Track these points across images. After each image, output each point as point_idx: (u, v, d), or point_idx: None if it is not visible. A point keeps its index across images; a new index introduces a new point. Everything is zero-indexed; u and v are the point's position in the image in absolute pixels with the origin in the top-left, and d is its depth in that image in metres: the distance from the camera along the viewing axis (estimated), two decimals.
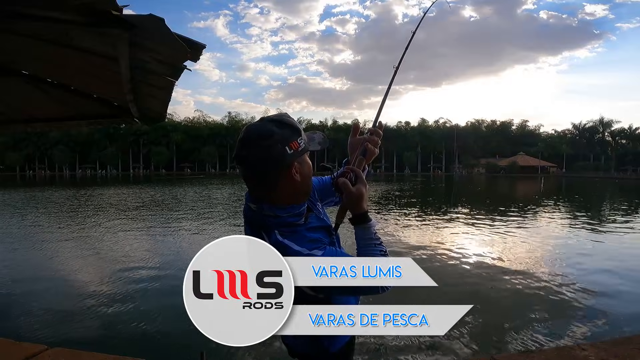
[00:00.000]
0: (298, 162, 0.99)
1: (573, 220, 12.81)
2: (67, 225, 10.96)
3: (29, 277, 5.77)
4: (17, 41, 1.46)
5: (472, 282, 5.59)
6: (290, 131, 0.97)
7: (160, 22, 1.04)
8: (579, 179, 57.71)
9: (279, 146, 0.95)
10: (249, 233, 1.04)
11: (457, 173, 75.72)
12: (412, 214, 13.91)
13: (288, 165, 0.97)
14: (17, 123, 2.62)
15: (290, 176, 0.98)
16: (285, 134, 0.96)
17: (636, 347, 2.69)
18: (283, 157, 0.95)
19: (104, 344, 3.45)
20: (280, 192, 1.00)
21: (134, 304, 4.57)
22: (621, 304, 4.66)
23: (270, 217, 1.00)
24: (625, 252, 7.68)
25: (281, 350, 3.42)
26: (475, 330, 3.82)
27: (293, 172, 0.98)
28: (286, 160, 0.96)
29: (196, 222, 11.42)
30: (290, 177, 0.98)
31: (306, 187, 1.04)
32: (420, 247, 7.85)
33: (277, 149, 0.94)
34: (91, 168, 77.46)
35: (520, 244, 8.39)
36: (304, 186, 1.03)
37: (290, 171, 0.97)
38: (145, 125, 2.35)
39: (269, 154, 0.94)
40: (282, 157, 0.95)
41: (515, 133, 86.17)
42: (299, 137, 0.98)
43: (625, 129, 76.24)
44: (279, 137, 0.95)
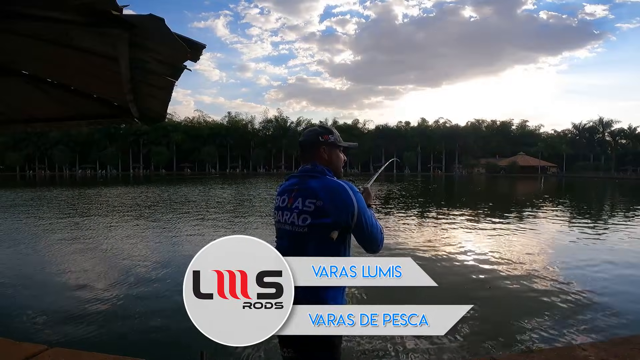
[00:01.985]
0: (327, 147, 1.63)
1: (573, 219, 12.82)
2: (68, 225, 10.96)
3: (29, 277, 5.77)
4: (17, 41, 1.46)
5: (471, 282, 5.60)
6: (324, 130, 1.67)
7: (160, 22, 1.04)
8: (579, 179, 57.74)
9: (316, 135, 1.64)
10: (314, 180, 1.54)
11: (457, 173, 75.72)
12: (412, 214, 13.92)
13: (320, 145, 1.63)
14: (17, 123, 2.62)
15: (320, 152, 1.62)
16: (320, 131, 1.66)
17: (636, 347, 2.69)
18: (317, 140, 1.64)
19: (104, 344, 3.45)
20: (319, 159, 1.62)
21: (134, 304, 4.57)
22: (621, 304, 4.66)
23: (321, 168, 1.58)
24: (625, 252, 7.68)
25: None
26: (475, 330, 3.82)
27: (322, 151, 1.62)
28: (319, 142, 1.63)
29: (196, 221, 11.44)
30: (320, 153, 1.62)
31: (335, 167, 1.63)
32: (420, 247, 7.84)
33: (315, 136, 1.64)
34: (91, 168, 77.43)
35: (520, 244, 8.39)
36: (333, 164, 1.64)
37: (321, 149, 1.62)
38: (145, 125, 2.35)
39: (311, 137, 1.65)
40: (316, 139, 1.64)
41: (515, 133, 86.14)
42: (330, 134, 1.66)
43: (625, 129, 76.25)
44: (318, 131, 1.66)
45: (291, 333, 1.25)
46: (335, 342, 1.45)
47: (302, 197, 1.50)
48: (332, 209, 1.44)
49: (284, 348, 1.49)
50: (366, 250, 1.53)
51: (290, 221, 1.51)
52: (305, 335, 1.35)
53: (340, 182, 1.50)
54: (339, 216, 1.43)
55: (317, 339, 1.36)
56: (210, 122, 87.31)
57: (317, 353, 1.42)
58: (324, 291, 1.39)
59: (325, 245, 1.41)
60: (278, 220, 1.58)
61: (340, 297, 1.47)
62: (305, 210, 1.47)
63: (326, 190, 1.48)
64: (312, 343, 1.38)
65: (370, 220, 1.50)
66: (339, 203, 1.44)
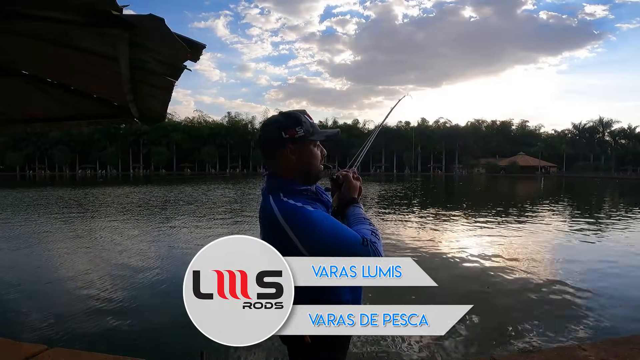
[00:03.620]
0: (294, 145, 1.20)
1: (573, 219, 12.81)
2: (67, 224, 10.96)
3: (29, 277, 5.77)
4: (17, 41, 1.46)
5: (472, 281, 5.59)
6: (289, 121, 1.21)
7: (160, 22, 1.04)
8: (578, 179, 57.68)
9: (277, 131, 1.20)
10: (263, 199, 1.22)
11: (457, 173, 75.68)
12: (412, 214, 13.92)
13: (282, 145, 1.20)
14: (17, 123, 2.62)
15: (285, 154, 1.21)
16: (283, 123, 1.21)
17: (636, 347, 2.69)
18: (278, 138, 1.20)
19: (104, 344, 3.45)
20: (279, 165, 1.23)
21: (135, 304, 4.57)
22: (621, 304, 4.65)
23: (276, 182, 1.22)
24: (625, 252, 7.67)
25: (282, 350, 3.42)
26: (475, 330, 3.82)
27: (287, 152, 1.21)
28: (280, 141, 1.20)
29: (196, 221, 11.43)
30: (285, 155, 1.21)
31: (304, 169, 1.23)
32: (420, 247, 7.84)
33: (276, 132, 1.21)
34: (91, 168, 77.43)
35: (519, 244, 8.39)
36: (300, 167, 1.23)
37: (285, 150, 1.20)
38: (145, 125, 2.35)
39: (268, 135, 1.22)
40: (278, 137, 1.20)
41: (515, 133, 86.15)
42: (298, 126, 1.20)
43: (625, 129, 76.26)
44: (280, 123, 1.21)
45: (291, 333, 1.25)
46: (340, 343, 1.41)
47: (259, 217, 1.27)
48: (271, 242, 1.11)
49: (289, 348, 1.47)
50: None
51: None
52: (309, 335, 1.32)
53: (272, 207, 1.15)
54: (282, 252, 1.09)
55: (319, 339, 1.35)
56: (210, 122, 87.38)
57: (321, 353, 1.42)
58: (340, 293, 1.27)
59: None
60: None
61: (358, 298, 1.34)
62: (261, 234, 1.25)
63: (262, 217, 1.21)
64: (315, 344, 1.37)
65: (331, 240, 1.09)
66: (273, 236, 1.13)
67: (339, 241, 1.09)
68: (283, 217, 1.11)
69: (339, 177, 1.32)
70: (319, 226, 1.10)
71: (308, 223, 1.10)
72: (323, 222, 1.11)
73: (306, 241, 1.09)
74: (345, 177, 1.31)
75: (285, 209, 1.12)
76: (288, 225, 1.10)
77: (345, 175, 1.31)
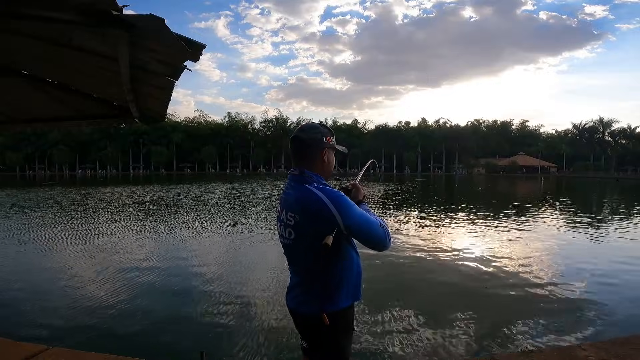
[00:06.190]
0: (328, 150, 1.51)
1: (573, 219, 12.81)
2: (68, 224, 10.96)
3: (29, 277, 5.77)
4: (17, 41, 1.46)
5: (472, 281, 5.59)
6: (328, 131, 1.53)
7: (161, 22, 1.04)
8: (578, 178, 57.69)
9: (321, 136, 1.49)
10: (293, 190, 1.45)
11: (457, 173, 75.64)
12: (412, 214, 13.91)
13: (323, 148, 1.49)
14: (17, 123, 2.62)
15: (322, 155, 1.49)
16: (325, 131, 1.52)
17: (636, 347, 2.69)
18: (321, 142, 1.49)
19: (104, 344, 3.44)
20: (315, 163, 1.49)
21: (135, 304, 4.57)
22: (621, 304, 4.66)
23: (312, 175, 1.46)
24: (625, 252, 7.67)
25: (282, 350, 3.42)
26: (475, 330, 3.82)
27: (323, 154, 1.49)
28: (322, 144, 1.49)
29: (196, 220, 11.43)
30: (322, 156, 1.49)
31: (328, 170, 1.53)
32: (420, 247, 7.84)
33: (319, 137, 1.49)
34: (91, 168, 77.41)
35: (519, 244, 8.38)
36: (327, 168, 1.53)
37: (323, 152, 1.49)
38: (145, 125, 2.35)
39: (314, 137, 1.49)
40: (321, 141, 1.49)
41: (515, 133, 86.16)
42: (332, 136, 1.54)
43: (625, 128, 76.22)
44: (322, 131, 1.51)
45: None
46: (343, 341, 1.47)
47: (286, 209, 1.44)
48: (311, 223, 1.36)
49: (301, 339, 1.53)
50: (374, 250, 1.44)
51: (281, 233, 1.48)
52: (314, 333, 1.45)
53: (318, 194, 1.36)
54: (319, 230, 1.33)
55: (324, 337, 1.43)
56: (210, 122, 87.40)
57: (325, 352, 1.46)
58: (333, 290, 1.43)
59: (317, 255, 1.35)
60: (278, 231, 1.53)
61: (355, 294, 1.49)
62: (289, 224, 1.42)
63: (303, 203, 1.38)
64: (319, 342, 1.45)
65: (362, 220, 1.38)
66: (316, 217, 1.35)
67: (368, 221, 1.40)
68: (330, 199, 1.34)
69: (348, 186, 1.65)
70: (355, 209, 1.38)
71: (349, 206, 1.36)
72: (355, 207, 1.40)
73: (347, 220, 1.34)
74: (354, 185, 1.65)
75: (330, 193, 1.37)
76: (334, 206, 1.33)
77: (354, 184, 1.66)
